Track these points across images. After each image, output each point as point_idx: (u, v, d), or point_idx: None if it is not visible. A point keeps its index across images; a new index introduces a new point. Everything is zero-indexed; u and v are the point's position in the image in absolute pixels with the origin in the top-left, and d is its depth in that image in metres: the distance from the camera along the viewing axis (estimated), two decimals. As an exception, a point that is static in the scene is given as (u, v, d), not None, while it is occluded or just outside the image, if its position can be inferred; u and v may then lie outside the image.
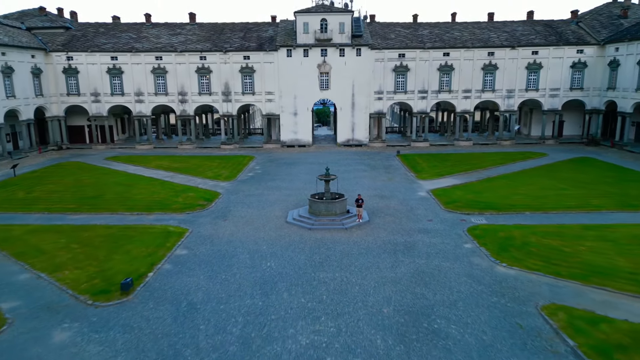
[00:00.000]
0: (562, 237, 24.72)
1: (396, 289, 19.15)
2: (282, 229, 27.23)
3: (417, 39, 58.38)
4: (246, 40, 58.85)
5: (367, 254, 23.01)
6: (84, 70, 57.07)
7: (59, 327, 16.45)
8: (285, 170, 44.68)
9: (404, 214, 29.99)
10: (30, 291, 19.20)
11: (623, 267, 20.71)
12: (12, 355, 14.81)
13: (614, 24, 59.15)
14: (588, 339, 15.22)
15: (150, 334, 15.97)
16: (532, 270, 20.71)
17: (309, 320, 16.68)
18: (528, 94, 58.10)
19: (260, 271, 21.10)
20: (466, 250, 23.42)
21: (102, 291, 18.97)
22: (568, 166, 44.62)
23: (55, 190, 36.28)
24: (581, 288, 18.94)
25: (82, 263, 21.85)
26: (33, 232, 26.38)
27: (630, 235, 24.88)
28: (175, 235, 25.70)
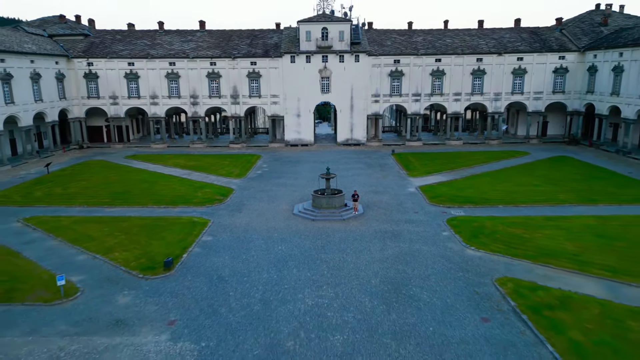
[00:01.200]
0: (525, 227, 29.51)
1: (383, 266, 23.96)
2: (290, 219, 32.04)
3: (411, 46, 62.96)
4: (253, 47, 63.46)
5: (360, 240, 27.81)
6: (103, 75, 61.78)
7: (120, 293, 21.30)
8: (290, 168, 49.44)
9: (394, 207, 34.77)
10: (90, 268, 24.02)
11: (568, 250, 25.48)
12: (90, 312, 19.65)
13: (595, 32, 63.66)
14: (526, 301, 20.01)
15: (191, 298, 20.80)
16: (494, 252, 25.50)
17: (313, 288, 21.51)
18: (514, 97, 62.74)
19: (273, 253, 25.92)
20: (443, 237, 28.21)
21: (149, 268, 23.80)
22: (545, 164, 49.36)
23: (88, 186, 41.11)
24: (530, 265, 23.72)
25: (127, 247, 26.69)
26: (79, 222, 31.21)
27: (582, 224, 29.66)
28: (200, 225, 30.52)
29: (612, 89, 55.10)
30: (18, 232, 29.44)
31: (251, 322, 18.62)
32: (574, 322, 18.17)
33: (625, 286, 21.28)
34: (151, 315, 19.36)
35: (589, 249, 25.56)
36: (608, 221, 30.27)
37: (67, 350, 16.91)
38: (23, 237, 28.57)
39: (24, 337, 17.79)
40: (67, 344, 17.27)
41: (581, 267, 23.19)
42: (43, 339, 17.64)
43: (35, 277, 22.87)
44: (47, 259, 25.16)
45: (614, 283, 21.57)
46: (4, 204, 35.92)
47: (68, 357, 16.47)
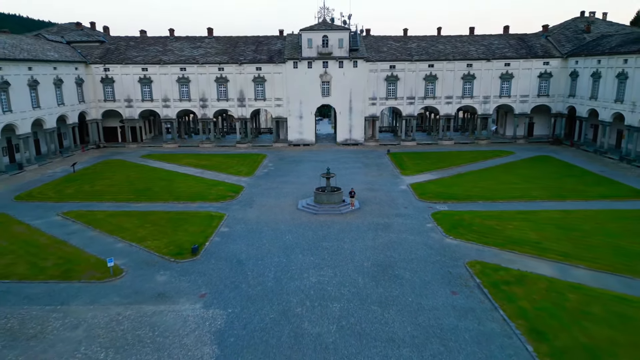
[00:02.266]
0: (498, 219, 34.11)
1: (374, 252, 28.57)
2: (294, 213, 36.65)
3: (406, 52, 67.41)
4: (258, 53, 67.91)
5: (356, 231, 32.42)
6: (118, 79, 66.29)
7: (157, 273, 25.93)
8: (293, 167, 54.01)
9: (386, 203, 39.38)
10: (129, 254, 28.64)
11: (531, 239, 30.09)
12: (136, 287, 24.26)
13: (578, 38, 68.07)
14: (489, 278, 24.61)
15: (216, 276, 25.43)
16: (469, 240, 30.10)
17: (316, 269, 26.13)
18: (501, 99, 67.24)
19: (282, 241, 30.54)
20: (427, 228, 32.83)
21: (178, 253, 28.43)
22: (527, 163, 53.94)
23: (113, 184, 45.73)
24: (497, 251, 28.33)
25: (157, 236, 31.33)
26: (111, 216, 35.84)
27: (548, 217, 34.28)
28: (217, 218, 35.13)
29: (591, 93, 59.61)
30: (61, 224, 34.07)
31: (267, 294, 23.27)
32: (524, 294, 22.79)
33: (573, 268, 25.89)
34: (185, 289, 24.00)
35: (549, 238, 30.18)
36: (570, 214, 34.89)
37: (123, 315, 21.57)
38: (66, 228, 33.21)
39: (86, 306, 22.44)
40: (122, 310, 21.93)
41: (539, 253, 27.80)
42: (102, 307, 22.29)
43: (84, 260, 27.51)
44: (90, 246, 29.80)
45: (564, 265, 26.19)
46: (41, 199, 40.55)
47: (125, 320, 21.12)
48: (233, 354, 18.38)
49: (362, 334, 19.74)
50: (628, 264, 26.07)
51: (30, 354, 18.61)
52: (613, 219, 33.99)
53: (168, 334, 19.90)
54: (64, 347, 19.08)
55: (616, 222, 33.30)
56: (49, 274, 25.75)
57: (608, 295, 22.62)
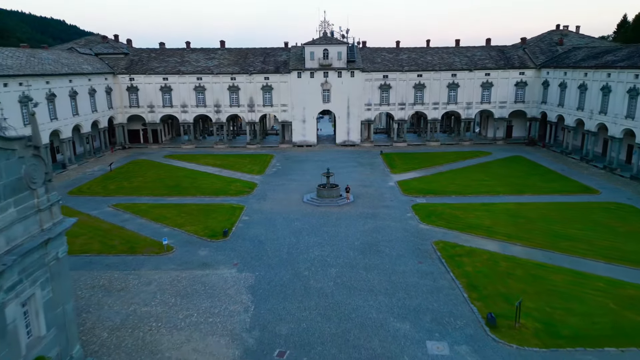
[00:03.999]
0: (464, 210, 42.58)
1: (363, 234, 37.06)
2: (301, 205, 45.15)
3: (397, 63, 75.69)
4: (265, 64, 76.23)
5: (350, 219, 40.91)
6: (142, 88, 74.68)
7: (199, 249, 34.47)
8: (298, 166, 62.48)
9: (376, 197, 47.85)
10: (174, 236, 37.15)
11: (486, 224, 38.55)
12: (185, 259, 32.74)
13: (551, 50, 76.27)
14: (447, 252, 33.07)
15: (244, 251, 33.94)
16: (437, 226, 38.57)
17: (318, 246, 34.63)
18: (483, 105, 75.56)
19: (292, 227, 39.04)
20: (406, 217, 41.32)
21: (212, 235, 36.94)
22: (500, 163, 62.34)
23: (146, 181, 54.23)
24: (458, 234, 36.80)
25: (193, 223, 39.86)
26: (153, 207, 44.36)
27: (503, 208, 42.74)
28: (239, 209, 43.65)
29: (559, 101, 67.95)
30: (114, 214, 42.62)
31: (283, 264, 31.80)
32: (470, 262, 31.28)
33: (511, 245, 34.38)
34: (222, 260, 32.55)
35: (500, 224, 38.68)
36: (523, 206, 43.37)
37: (180, 276, 30.11)
38: (119, 217, 41.77)
39: (152, 271, 30.98)
40: (179, 274, 30.47)
41: (489, 234, 36.31)
42: (164, 272, 30.83)
43: (142, 240, 36.06)
44: (142, 230, 38.33)
45: (505, 243, 34.68)
46: (91, 194, 49.10)
47: (183, 279, 29.64)
48: (262, 299, 26.92)
49: (351, 287, 28.28)
50: (554, 242, 34.57)
51: (123, 300, 27.15)
52: (556, 209, 42.47)
53: (215, 287, 28.46)
54: (145, 296, 27.62)
55: (557, 212, 41.78)
56: (118, 249, 34.33)
57: (531, 263, 31.13)
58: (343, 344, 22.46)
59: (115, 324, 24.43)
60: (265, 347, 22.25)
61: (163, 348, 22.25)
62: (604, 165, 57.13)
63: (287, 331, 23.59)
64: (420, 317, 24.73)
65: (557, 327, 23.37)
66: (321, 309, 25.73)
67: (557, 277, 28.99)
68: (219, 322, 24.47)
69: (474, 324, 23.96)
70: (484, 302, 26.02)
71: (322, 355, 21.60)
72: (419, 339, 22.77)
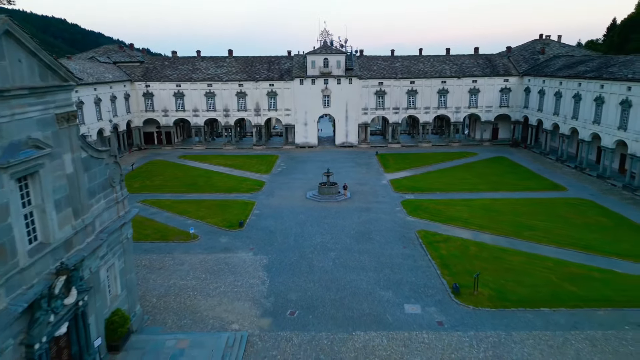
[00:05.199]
0: (446, 205, 49.14)
1: (358, 225, 43.62)
2: (304, 201, 51.70)
3: (392, 71, 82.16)
4: (270, 71, 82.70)
5: (347, 212, 47.46)
6: (157, 94, 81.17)
7: (220, 237, 41.04)
8: (301, 166, 69.02)
9: (370, 193, 54.40)
10: (198, 226, 43.67)
11: (463, 217, 45.11)
12: (209, 245, 39.32)
13: (534, 59, 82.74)
14: (427, 239, 39.63)
15: (257, 239, 40.51)
16: (422, 218, 45.14)
17: (320, 235, 41.20)
18: (470, 110, 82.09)
19: (297, 219, 45.61)
20: (396, 210, 47.88)
21: (230, 226, 43.52)
22: (484, 163, 68.89)
23: (166, 180, 60.76)
24: (438, 225, 43.36)
25: (213, 216, 46.39)
26: (175, 203, 50.89)
27: (481, 203, 49.29)
28: (250, 204, 50.20)
29: (538, 106, 74.48)
30: (142, 209, 49.11)
31: (290, 248, 38.38)
32: (445, 247, 37.85)
33: (481, 233, 40.93)
34: (240, 246, 39.13)
35: (475, 216, 45.27)
36: (497, 201, 49.94)
37: (207, 258, 36.66)
38: (147, 211, 48.32)
39: (183, 254, 37.54)
40: (206, 256, 37.02)
41: (464, 225, 42.88)
42: (193, 255, 37.38)
43: (170, 230, 42.63)
44: (170, 222, 44.90)
45: (477, 232, 41.25)
46: (119, 191, 55.57)
47: (209, 260, 36.20)
48: (275, 275, 33.50)
49: (347, 266, 34.88)
50: (518, 231, 41.14)
51: (163, 276, 33.74)
52: (526, 204, 49.06)
53: (237, 266, 35.06)
54: (180, 273, 34.19)
55: (527, 206, 48.37)
56: (152, 237, 40.89)
57: (495, 248, 37.72)
58: (339, 306, 29.05)
59: (161, 293, 31.05)
60: (279, 309, 28.84)
61: (201, 309, 28.85)
62: (575, 165, 63.71)
63: (296, 298, 30.19)
64: (400, 288, 31.34)
65: (506, 294, 29.98)
66: (322, 282, 32.34)
67: (514, 258, 35.60)
68: (242, 292, 31.09)
69: (442, 292, 30.57)
70: (453, 276, 32.60)
71: (323, 314, 28.18)
72: (398, 302, 29.38)
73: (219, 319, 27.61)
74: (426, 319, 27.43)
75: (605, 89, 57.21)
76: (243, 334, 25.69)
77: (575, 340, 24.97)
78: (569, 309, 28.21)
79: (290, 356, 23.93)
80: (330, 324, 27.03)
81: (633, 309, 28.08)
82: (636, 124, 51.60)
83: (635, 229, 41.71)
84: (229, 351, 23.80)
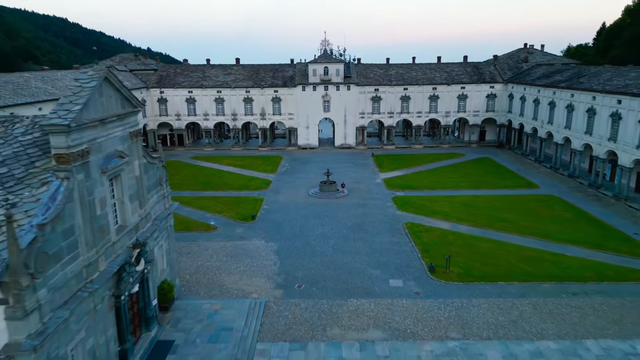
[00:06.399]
0: (431, 201, 56.15)
1: (354, 218, 50.64)
2: (307, 197, 58.73)
3: (387, 78, 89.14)
4: (275, 78, 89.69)
5: (344, 207, 54.49)
6: (170, 99, 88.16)
7: (236, 228, 48.05)
8: (303, 166, 76.02)
9: (365, 191, 61.41)
10: (216, 219, 50.61)
11: (445, 211, 52.14)
12: (227, 234, 46.34)
13: (517, 67, 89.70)
14: (412, 230, 46.63)
15: (268, 229, 47.53)
16: (409, 212, 52.18)
17: (321, 226, 48.22)
18: (459, 114, 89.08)
19: (301, 213, 52.63)
20: (387, 206, 54.90)
21: (244, 218, 50.55)
22: (469, 164, 75.89)
23: (183, 179, 67.75)
24: (423, 217, 50.36)
25: (228, 210, 53.38)
26: (194, 199, 57.88)
27: (461, 200, 56.32)
28: (260, 200, 57.22)
29: (520, 111, 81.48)
30: (165, 204, 56.08)
31: (296, 237, 45.41)
32: (427, 236, 44.88)
33: (459, 225, 47.94)
34: (254, 235, 46.16)
35: (455, 210, 52.29)
36: (476, 198, 56.96)
37: (226, 245, 43.65)
38: (170, 206, 55.22)
39: (206, 241, 44.54)
40: (225, 243, 44.03)
41: (445, 218, 49.91)
42: (214, 242, 44.37)
43: (193, 222, 49.63)
44: (191, 215, 51.87)
45: (455, 224, 48.26)
46: (142, 189, 62.63)
47: (229, 247, 43.19)
48: (284, 258, 40.51)
49: (344, 251, 41.91)
50: (490, 223, 48.17)
51: (191, 259, 40.72)
52: (501, 200, 56.08)
53: (252, 251, 42.09)
54: (205, 256, 41.18)
55: (502, 202, 55.40)
56: (178, 228, 47.46)
57: (469, 236, 44.74)
58: (337, 281, 36.10)
59: (191, 271, 38.10)
60: (289, 283, 35.88)
61: (226, 283, 35.90)
62: (551, 166, 70.73)
63: (302, 275, 37.23)
64: (387, 267, 38.39)
65: (472, 272, 37.04)
66: (323, 263, 39.41)
67: (483, 245, 42.67)
68: (258, 270, 38.15)
69: (421, 271, 37.63)
70: (431, 259, 39.61)
71: (324, 287, 35.22)
72: (384, 278, 36.43)
73: (241, 291, 34.69)
74: (406, 290, 34.49)
75: (575, 97, 64.23)
76: (262, 300, 32.78)
77: (520, 305, 32.05)
78: (520, 282, 35.28)
79: (298, 316, 31.00)
80: (329, 294, 34.10)
81: (572, 283, 35.16)
82: (599, 129, 58.61)
83: (592, 222, 48.78)
84: (252, 312, 30.88)
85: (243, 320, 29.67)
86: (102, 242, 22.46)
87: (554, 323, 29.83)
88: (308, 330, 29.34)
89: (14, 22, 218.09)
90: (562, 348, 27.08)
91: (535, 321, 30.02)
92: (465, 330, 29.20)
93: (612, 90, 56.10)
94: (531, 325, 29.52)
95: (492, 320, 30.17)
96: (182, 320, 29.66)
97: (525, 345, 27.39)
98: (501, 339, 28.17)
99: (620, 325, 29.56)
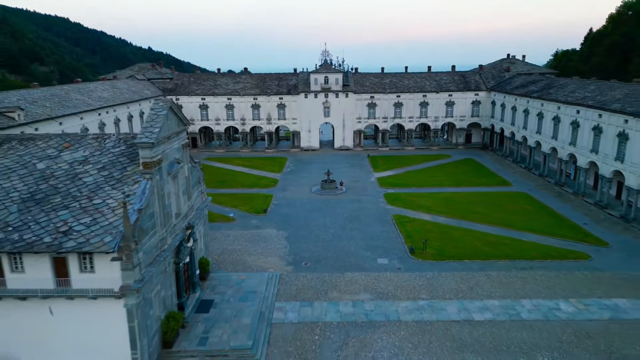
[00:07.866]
0: (417, 197, 65.31)
1: (350, 211, 59.76)
2: (310, 194, 67.90)
3: (381, 86, 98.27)
4: (280, 87, 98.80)
5: (343, 202, 63.63)
6: (185, 106, 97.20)
7: (251, 220, 57.20)
8: (306, 167, 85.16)
9: (361, 189, 70.57)
10: (235, 212, 59.77)
11: (428, 205, 61.28)
12: (244, 224, 55.49)
13: (500, 76, 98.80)
14: (399, 221, 55.77)
15: (278, 220, 56.66)
16: (397, 206, 61.32)
17: (323, 218, 57.35)
18: (447, 119, 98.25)
19: (305, 207, 61.75)
20: (379, 201, 64.05)
21: (257, 212, 59.68)
22: (454, 164, 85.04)
23: (200, 178, 76.76)
24: (409, 211, 59.55)
25: (243, 204, 62.58)
26: (213, 195, 66.18)
27: (443, 196, 65.45)
28: (270, 197, 66.34)
29: (501, 117, 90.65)
30: (188, 200, 65.26)
31: (302, 227, 54.54)
32: (411, 226, 54.04)
33: (438, 217, 57.11)
34: (267, 225, 55.29)
35: (437, 205, 61.45)
36: (456, 194, 66.12)
37: (244, 233, 52.85)
38: (193, 201, 64.45)
39: (227, 230, 53.66)
40: (243, 232, 53.19)
41: (427, 211, 59.07)
42: (234, 230, 53.49)
43: (214, 215, 58.63)
44: (212, 209, 60.67)
45: (435, 216, 57.44)
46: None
47: (247, 234, 52.34)
48: (293, 243, 49.66)
49: (341, 237, 51.09)
50: (465, 215, 57.33)
51: (217, 243, 49.78)
52: (477, 196, 65.24)
53: (266, 238, 51.25)
54: (228, 242, 50.33)
55: (477, 197, 64.57)
56: (203, 220, 57.03)
57: (446, 226, 53.90)
58: (336, 260, 45.28)
59: (218, 252, 47.27)
60: (297, 261, 45.04)
61: (247, 261, 45.09)
62: (525, 166, 79.91)
63: (307, 255, 46.41)
64: (376, 250, 47.58)
65: (444, 253, 46.23)
66: (325, 247, 48.60)
67: (456, 232, 51.87)
68: (272, 252, 47.34)
69: (403, 252, 46.82)
70: (412, 243, 48.77)
71: (325, 264, 44.40)
72: (373, 257, 45.63)
73: (260, 267, 43.90)
74: (390, 266, 43.74)
75: (544, 106, 73.39)
76: (277, 273, 42.02)
77: (478, 276, 41.28)
78: (481, 260, 44.53)
79: (306, 284, 40.22)
80: (330, 269, 43.32)
81: (522, 260, 44.40)
82: (563, 135, 67.78)
83: (550, 214, 58.00)
84: (270, 281, 40.09)
85: (264, 286, 38.89)
86: (169, 224, 31.65)
87: (501, 288, 39.09)
88: (314, 294, 38.60)
89: (18, 23, 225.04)
90: (503, 305, 36.36)
91: (487, 287, 39.28)
92: (433, 293, 38.45)
93: (572, 102, 65.27)
94: (484, 290, 38.78)
95: (454, 287, 39.42)
96: (217, 287, 38.88)
97: (476, 302, 36.68)
98: (460, 299, 37.41)
99: (552, 290, 38.82)
